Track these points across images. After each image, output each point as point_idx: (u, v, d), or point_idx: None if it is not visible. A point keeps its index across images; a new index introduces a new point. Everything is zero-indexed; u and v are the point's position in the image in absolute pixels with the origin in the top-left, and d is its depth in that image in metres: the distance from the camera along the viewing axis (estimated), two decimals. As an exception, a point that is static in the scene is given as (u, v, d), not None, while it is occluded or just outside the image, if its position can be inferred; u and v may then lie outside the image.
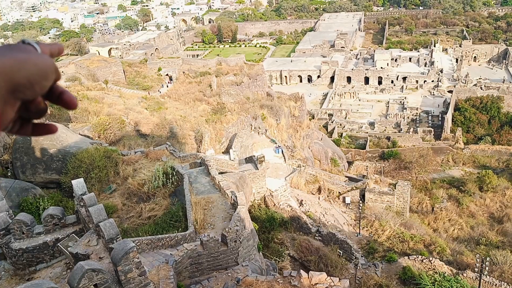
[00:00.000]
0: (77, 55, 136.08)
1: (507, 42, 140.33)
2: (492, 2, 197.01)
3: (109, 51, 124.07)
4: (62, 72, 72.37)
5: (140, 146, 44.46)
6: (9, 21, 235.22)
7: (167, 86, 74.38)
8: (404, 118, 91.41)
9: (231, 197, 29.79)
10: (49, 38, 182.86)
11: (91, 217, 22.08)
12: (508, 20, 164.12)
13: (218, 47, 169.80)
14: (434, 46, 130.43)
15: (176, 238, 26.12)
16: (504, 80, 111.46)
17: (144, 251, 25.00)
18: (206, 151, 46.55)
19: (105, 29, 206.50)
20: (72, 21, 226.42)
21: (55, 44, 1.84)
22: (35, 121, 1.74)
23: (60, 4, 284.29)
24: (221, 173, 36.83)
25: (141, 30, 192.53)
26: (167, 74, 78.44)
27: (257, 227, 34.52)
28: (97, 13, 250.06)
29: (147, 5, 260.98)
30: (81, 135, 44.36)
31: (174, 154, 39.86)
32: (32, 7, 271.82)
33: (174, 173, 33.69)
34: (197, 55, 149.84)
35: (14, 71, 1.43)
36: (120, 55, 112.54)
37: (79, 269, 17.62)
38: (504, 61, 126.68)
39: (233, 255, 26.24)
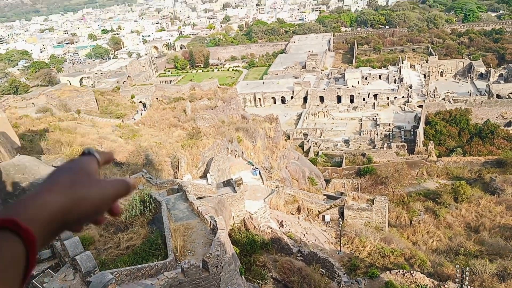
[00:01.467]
0: (47, 85, 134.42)
1: (471, 57, 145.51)
2: (454, 19, 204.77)
3: (81, 80, 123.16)
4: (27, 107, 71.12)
5: (116, 175, 43.75)
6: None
7: (141, 113, 73.90)
8: (377, 134, 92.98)
9: (210, 222, 29.52)
10: (18, 69, 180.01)
11: (67, 251, 21.50)
12: (470, 35, 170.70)
13: (191, 72, 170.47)
14: (402, 63, 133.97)
15: (156, 267, 25.62)
16: (470, 93, 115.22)
17: (124, 282, 24.38)
18: (183, 177, 46.16)
19: (75, 59, 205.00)
20: (41, 52, 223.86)
21: (107, 153, 2.06)
22: None
23: (28, 35, 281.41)
24: (199, 198, 36.52)
25: (113, 58, 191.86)
26: (140, 101, 77.96)
27: (238, 250, 34.18)
28: (67, 43, 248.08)
29: (117, 34, 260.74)
30: (54, 167, 43.44)
31: (151, 181, 39.41)
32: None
33: (152, 201, 33.25)
34: (170, 81, 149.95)
35: (68, 212, 1.39)
36: (92, 84, 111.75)
37: (56, 306, 17.05)
38: (469, 74, 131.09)
39: (215, 280, 25.85)
